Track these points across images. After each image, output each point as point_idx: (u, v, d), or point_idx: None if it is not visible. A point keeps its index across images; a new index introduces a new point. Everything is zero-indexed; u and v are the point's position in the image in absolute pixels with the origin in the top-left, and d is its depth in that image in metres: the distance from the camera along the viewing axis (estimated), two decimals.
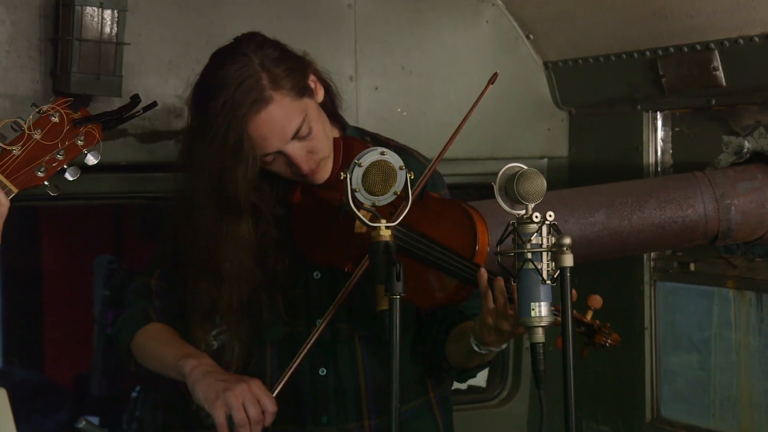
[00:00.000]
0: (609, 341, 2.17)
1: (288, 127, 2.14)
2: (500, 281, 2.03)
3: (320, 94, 2.24)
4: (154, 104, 2.15)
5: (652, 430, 3.18)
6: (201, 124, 2.18)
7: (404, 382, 2.29)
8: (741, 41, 2.72)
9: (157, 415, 4.83)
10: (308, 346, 2.20)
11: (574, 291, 1.99)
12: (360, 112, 3.06)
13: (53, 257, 5.63)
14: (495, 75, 2.19)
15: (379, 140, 2.37)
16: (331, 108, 2.31)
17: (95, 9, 2.57)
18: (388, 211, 1.97)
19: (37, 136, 1.98)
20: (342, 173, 1.94)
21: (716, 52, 2.79)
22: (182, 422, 4.39)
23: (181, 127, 2.79)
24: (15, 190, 1.98)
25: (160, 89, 2.77)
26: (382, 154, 1.94)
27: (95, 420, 5.02)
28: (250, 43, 2.18)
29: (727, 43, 2.75)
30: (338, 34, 3.05)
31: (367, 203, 1.94)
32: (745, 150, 2.89)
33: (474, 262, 2.10)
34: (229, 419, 2.11)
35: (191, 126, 2.25)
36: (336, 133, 2.32)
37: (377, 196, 1.94)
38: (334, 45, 3.02)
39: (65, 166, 2.02)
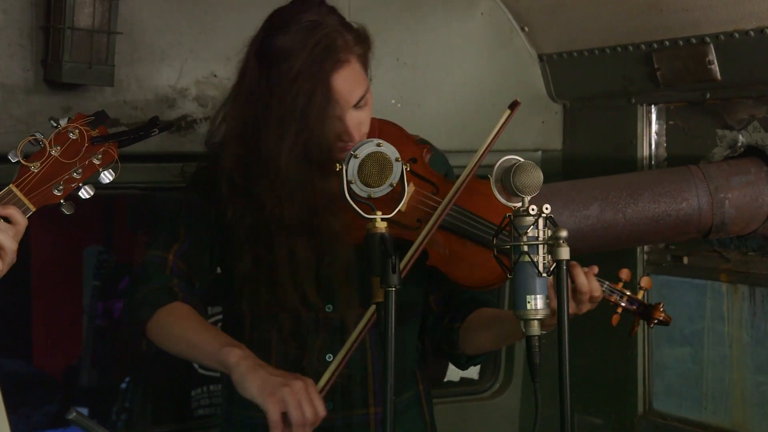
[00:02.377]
0: (663, 316, 2.36)
1: (356, 92, 2.13)
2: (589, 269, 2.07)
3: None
4: (171, 125, 2.14)
5: (644, 423, 3.19)
6: (272, 84, 2.11)
7: (404, 373, 2.29)
8: (736, 35, 2.71)
9: (146, 407, 4.81)
10: (357, 340, 2.14)
11: (627, 270, 2.24)
12: None
13: (42, 248, 5.60)
14: (516, 103, 2.19)
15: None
16: None
17: None
18: (393, 203, 1.96)
19: (55, 153, 1.95)
20: (338, 164, 1.93)
21: (711, 46, 2.78)
22: (172, 413, 4.38)
23: (174, 117, 2.78)
24: (33, 209, 1.95)
25: (153, 79, 2.75)
26: (378, 145, 1.93)
27: (84, 411, 5.00)
28: (316, 5, 2.15)
29: (722, 36, 2.75)
30: None
31: (362, 195, 1.93)
32: (740, 144, 2.89)
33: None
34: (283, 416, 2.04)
35: (257, 86, 2.14)
36: None
37: (373, 187, 1.93)
38: None
39: (81, 185, 1.99)
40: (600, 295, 2.13)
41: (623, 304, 2.33)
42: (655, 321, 2.37)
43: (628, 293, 2.34)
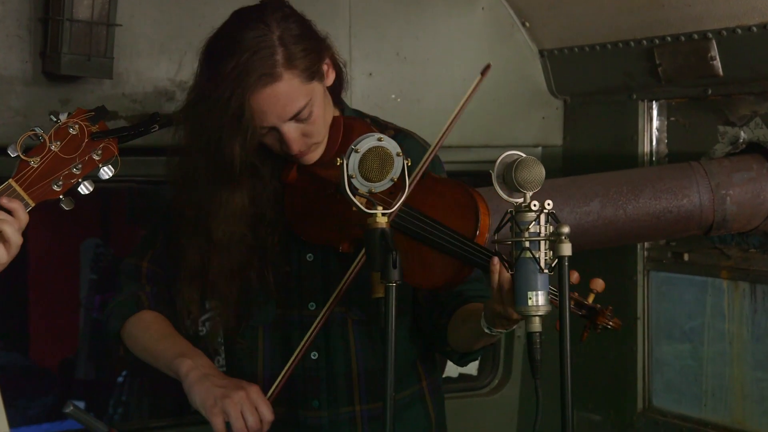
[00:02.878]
0: (611, 323, 2.17)
1: (289, 108, 2.11)
2: (505, 271, 1.99)
3: (330, 78, 2.21)
4: (171, 122, 2.13)
5: (643, 419, 3.18)
6: (206, 83, 2.12)
7: (398, 370, 2.27)
8: (739, 31, 2.70)
9: (143, 400, 4.81)
10: (308, 340, 2.16)
11: (575, 272, 2.01)
12: (354, 98, 3.03)
13: (40, 241, 5.59)
14: (488, 66, 2.14)
15: (378, 123, 2.35)
16: (337, 91, 2.28)
17: None
18: (385, 197, 1.95)
19: (55, 148, 1.94)
20: (339, 159, 1.91)
21: (713, 42, 2.77)
22: (168, 407, 4.37)
23: (172, 110, 2.76)
24: (32, 204, 1.94)
25: (152, 71, 2.74)
26: (380, 140, 1.92)
27: (81, 404, 5.00)
28: (276, 12, 2.12)
29: (724, 32, 2.74)
30: (333, 19, 3.01)
31: (363, 190, 1.91)
32: (741, 140, 2.88)
33: (475, 242, 2.08)
34: (227, 426, 2.09)
35: (196, 82, 2.19)
36: (336, 113, 2.29)
37: (374, 182, 1.92)
38: (329, 30, 2.93)
39: (80, 180, 1.98)
40: None
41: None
42: (600, 327, 2.16)
43: (575, 297, 2.14)
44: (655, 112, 3.11)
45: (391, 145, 1.92)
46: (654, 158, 3.12)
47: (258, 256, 2.24)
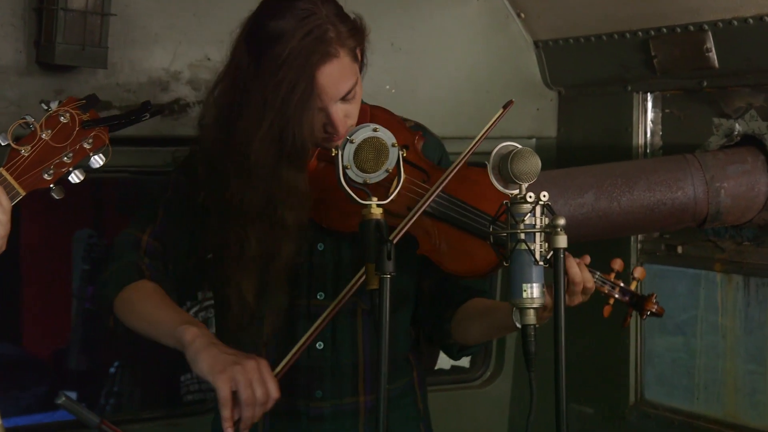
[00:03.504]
0: (656, 309, 2.29)
1: (343, 86, 2.10)
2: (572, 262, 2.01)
3: (361, 63, 2.21)
4: (162, 110, 2.11)
5: (635, 412, 3.18)
6: (257, 68, 2.09)
7: (395, 360, 2.28)
8: (735, 23, 2.70)
9: (135, 391, 4.80)
10: (317, 328, 2.13)
11: (619, 260, 2.19)
12: None
13: (32, 231, 5.57)
14: (510, 102, 2.19)
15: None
16: None
17: None
18: (383, 189, 1.94)
19: (46, 136, 1.93)
20: (333, 149, 1.91)
21: (709, 33, 2.77)
22: (161, 398, 4.36)
23: (167, 100, 2.75)
24: (22, 193, 1.92)
25: (146, 62, 2.73)
26: (375, 130, 1.92)
27: (73, 395, 4.99)
28: None
29: (720, 24, 2.74)
30: None
31: (358, 180, 1.91)
32: (736, 132, 2.88)
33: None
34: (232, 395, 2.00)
35: (240, 68, 2.13)
36: None
37: (369, 173, 1.92)
38: None
39: (71, 169, 1.97)
40: (593, 286, 2.08)
41: (616, 296, 2.28)
42: (648, 313, 2.31)
43: (621, 284, 2.29)
44: (649, 104, 3.11)
45: (387, 136, 1.92)
46: (648, 150, 3.11)
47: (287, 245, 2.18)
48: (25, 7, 2.56)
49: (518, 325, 2.03)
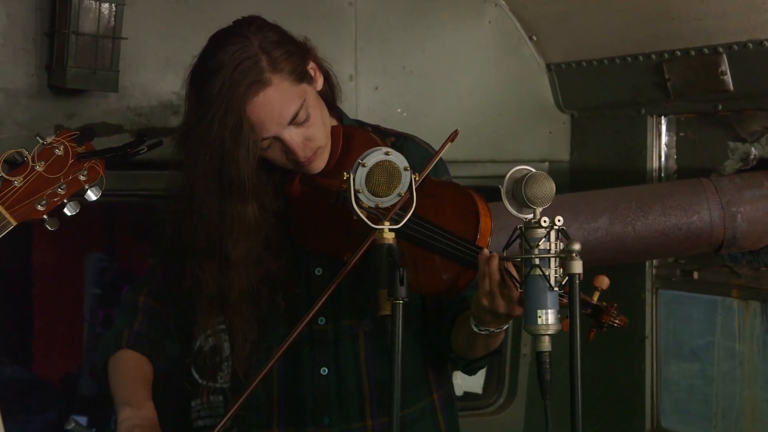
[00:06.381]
0: (617, 321, 2.08)
1: (286, 111, 2.09)
2: (495, 260, 1.95)
3: (319, 82, 2.19)
4: (160, 143, 2.12)
5: None
6: (198, 107, 2.12)
7: (407, 384, 2.25)
8: (750, 45, 2.68)
9: None
10: (284, 347, 2.09)
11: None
12: (359, 112, 3.02)
13: (43, 255, 5.57)
14: (456, 132, 2.14)
15: (379, 130, 2.32)
16: (330, 98, 2.26)
17: (93, 2, 2.53)
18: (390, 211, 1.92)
19: (39, 168, 1.94)
20: (345, 173, 1.89)
21: (724, 56, 2.75)
22: (171, 424, 4.33)
23: (178, 124, 2.74)
24: (14, 223, 1.93)
25: (158, 85, 2.73)
26: (387, 154, 1.90)
27: (83, 420, 4.97)
28: (250, 25, 2.13)
29: (735, 47, 2.72)
30: (338, 33, 3.00)
31: (370, 204, 1.89)
32: (752, 156, 2.85)
33: (476, 245, 2.04)
34: None
35: (188, 110, 2.19)
36: (333, 122, 2.27)
37: (381, 197, 1.90)
38: (334, 43, 2.97)
39: (65, 201, 1.97)
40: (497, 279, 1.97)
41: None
42: (606, 326, 2.08)
43: (581, 295, 1.99)
44: (664, 128, 3.09)
45: (399, 159, 1.90)
46: (663, 174, 3.09)
47: (268, 280, 2.22)
48: (37, 31, 2.56)
49: (475, 329, 2.03)
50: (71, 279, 5.55)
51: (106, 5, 2.54)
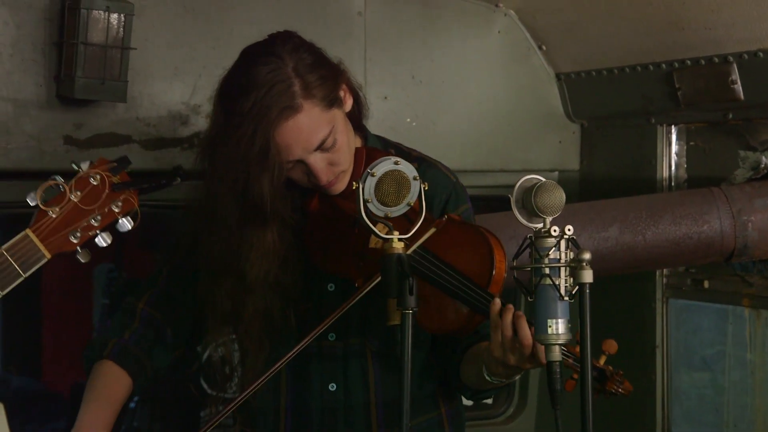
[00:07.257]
0: (620, 390, 2.12)
1: (314, 138, 2.08)
2: (509, 314, 1.95)
3: (349, 104, 2.18)
4: (191, 175, 2.11)
5: None
6: (226, 123, 2.09)
7: (415, 398, 2.24)
8: (760, 54, 2.68)
9: (154, 426, 4.78)
10: (287, 358, 2.11)
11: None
12: (369, 122, 3.01)
13: (53, 265, 5.58)
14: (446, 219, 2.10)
15: (401, 150, 2.31)
16: (357, 118, 2.25)
17: (101, 12, 2.53)
18: (404, 225, 1.91)
19: (75, 198, 1.90)
20: (354, 183, 1.89)
21: (734, 65, 2.75)
22: None
23: (186, 134, 2.75)
24: (48, 256, 1.90)
25: (166, 95, 2.73)
26: (396, 163, 1.89)
27: None
28: (286, 44, 2.09)
29: (745, 55, 2.71)
30: (348, 42, 3.00)
31: (379, 214, 1.88)
32: (763, 165, 2.84)
33: (488, 291, 2.03)
34: None
35: (214, 121, 2.15)
36: (358, 143, 2.26)
37: (390, 207, 1.89)
38: (344, 53, 2.92)
39: (98, 232, 1.94)
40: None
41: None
42: (608, 393, 2.12)
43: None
44: (674, 137, 3.08)
45: (408, 169, 1.90)
46: (673, 183, 3.08)
47: (279, 299, 2.20)
48: (46, 41, 2.57)
49: (487, 378, 2.04)
50: (80, 289, 5.56)
51: (114, 15, 2.54)
